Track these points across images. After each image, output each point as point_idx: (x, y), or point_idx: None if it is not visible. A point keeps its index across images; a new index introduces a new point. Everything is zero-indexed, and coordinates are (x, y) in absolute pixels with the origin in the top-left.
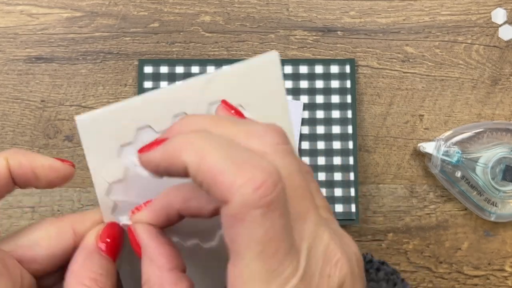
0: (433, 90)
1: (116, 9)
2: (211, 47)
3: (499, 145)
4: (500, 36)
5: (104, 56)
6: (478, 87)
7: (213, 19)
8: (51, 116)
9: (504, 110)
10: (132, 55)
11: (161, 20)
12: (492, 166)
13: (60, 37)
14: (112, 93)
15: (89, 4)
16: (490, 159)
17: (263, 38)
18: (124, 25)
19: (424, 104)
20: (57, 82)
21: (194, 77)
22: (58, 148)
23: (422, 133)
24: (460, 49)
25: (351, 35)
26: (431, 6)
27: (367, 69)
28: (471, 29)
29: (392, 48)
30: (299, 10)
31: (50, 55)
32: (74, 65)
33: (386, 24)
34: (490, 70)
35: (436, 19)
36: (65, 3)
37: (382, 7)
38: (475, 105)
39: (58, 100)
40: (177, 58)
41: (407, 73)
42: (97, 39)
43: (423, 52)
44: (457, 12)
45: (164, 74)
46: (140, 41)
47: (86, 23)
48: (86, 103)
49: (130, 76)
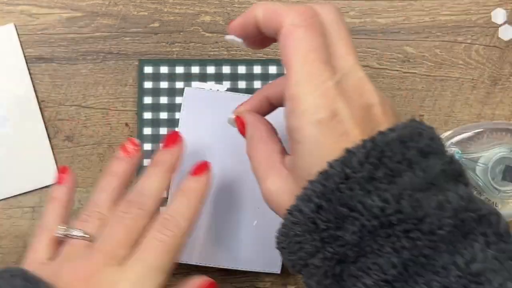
0: (433, 90)
1: (116, 9)
2: (211, 47)
3: (499, 145)
4: (500, 36)
5: (104, 56)
6: (478, 87)
7: (213, 19)
8: (51, 116)
9: (504, 110)
10: (132, 55)
11: (161, 20)
12: (492, 166)
13: (60, 37)
14: (112, 93)
15: (89, 4)
16: (490, 159)
17: None
18: (124, 25)
19: (424, 104)
20: (57, 82)
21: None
22: (58, 148)
23: None
24: (460, 49)
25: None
26: (431, 6)
27: (367, 69)
28: (471, 29)
29: (392, 48)
30: None
31: (50, 55)
32: (74, 65)
33: (386, 24)
34: (490, 70)
35: (436, 19)
36: (65, 3)
37: (382, 7)
38: (475, 105)
39: (58, 100)
40: (177, 58)
41: (407, 73)
42: (97, 39)
43: (423, 52)
44: (457, 12)
45: (164, 75)
46: (140, 41)
47: (86, 23)
48: (87, 103)
49: (130, 76)
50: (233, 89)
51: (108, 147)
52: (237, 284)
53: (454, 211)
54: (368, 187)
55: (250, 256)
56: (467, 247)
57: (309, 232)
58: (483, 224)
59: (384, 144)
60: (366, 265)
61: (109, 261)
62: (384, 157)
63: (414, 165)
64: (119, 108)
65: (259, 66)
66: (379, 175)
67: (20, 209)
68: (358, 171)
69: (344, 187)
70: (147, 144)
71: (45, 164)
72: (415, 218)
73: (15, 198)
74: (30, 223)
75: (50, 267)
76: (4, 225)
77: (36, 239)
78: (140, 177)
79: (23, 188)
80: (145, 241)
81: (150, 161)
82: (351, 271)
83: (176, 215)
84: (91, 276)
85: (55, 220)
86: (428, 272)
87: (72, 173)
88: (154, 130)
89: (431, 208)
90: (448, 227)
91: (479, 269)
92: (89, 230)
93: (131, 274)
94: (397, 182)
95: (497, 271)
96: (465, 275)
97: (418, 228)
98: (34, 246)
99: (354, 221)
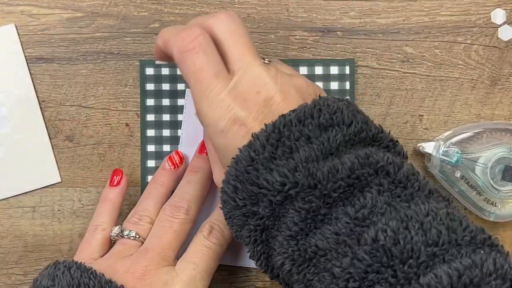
0: (432, 90)
1: (117, 10)
2: None
3: (498, 145)
4: (500, 36)
5: (105, 57)
6: (477, 87)
7: None
8: (52, 116)
9: (503, 110)
10: (132, 55)
11: (161, 21)
12: (492, 166)
13: (61, 38)
14: (112, 93)
15: (89, 5)
16: (490, 159)
17: (263, 38)
18: (124, 25)
19: (423, 104)
20: (57, 82)
21: None
22: (58, 148)
23: (422, 133)
24: (460, 50)
25: (351, 36)
26: (430, 6)
27: (367, 70)
28: (470, 30)
29: (391, 49)
30: (299, 11)
31: (50, 55)
32: (74, 65)
33: (386, 24)
34: (490, 71)
35: (436, 20)
36: (66, 4)
37: (382, 8)
38: (474, 105)
39: (58, 100)
40: None
41: (406, 73)
42: (98, 39)
43: (422, 52)
44: (456, 12)
45: (166, 76)
46: (141, 41)
47: (87, 23)
48: (87, 103)
49: (130, 76)
50: None
51: (108, 147)
52: (237, 284)
53: (348, 170)
54: (270, 166)
55: None
56: (360, 198)
57: (234, 209)
58: (379, 175)
59: (282, 126)
60: (279, 226)
61: (162, 261)
62: (282, 137)
63: (312, 139)
64: (119, 108)
65: None
66: (279, 153)
67: (21, 209)
68: (260, 153)
69: (251, 169)
70: (151, 146)
71: (46, 164)
72: (309, 186)
73: (15, 198)
74: (30, 223)
75: (104, 263)
76: (4, 225)
77: (89, 237)
78: (181, 183)
79: (24, 188)
80: (194, 245)
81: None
82: (272, 234)
83: (221, 224)
84: (146, 274)
85: (109, 220)
86: (324, 225)
87: (125, 176)
88: (157, 132)
89: (321, 174)
90: (341, 188)
91: (365, 214)
92: (140, 232)
93: (183, 275)
94: (294, 157)
95: (384, 214)
96: (352, 220)
97: (312, 194)
98: (87, 243)
99: (263, 198)
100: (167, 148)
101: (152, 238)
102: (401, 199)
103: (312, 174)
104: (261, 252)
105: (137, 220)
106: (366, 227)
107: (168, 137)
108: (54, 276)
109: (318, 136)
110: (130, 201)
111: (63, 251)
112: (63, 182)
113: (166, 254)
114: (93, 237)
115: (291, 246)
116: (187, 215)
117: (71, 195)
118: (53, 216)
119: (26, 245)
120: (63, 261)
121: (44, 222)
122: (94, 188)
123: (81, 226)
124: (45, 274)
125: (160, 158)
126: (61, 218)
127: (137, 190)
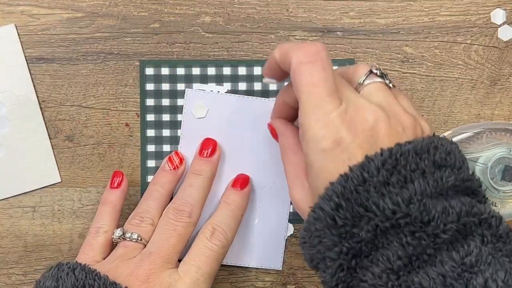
0: (432, 91)
1: (117, 10)
2: (211, 48)
3: (498, 145)
4: (499, 36)
5: (105, 57)
6: (477, 87)
7: (213, 19)
8: (52, 116)
9: (503, 110)
10: (132, 55)
11: (161, 21)
12: (491, 166)
13: (61, 38)
14: (112, 93)
15: (89, 5)
16: (489, 159)
17: (263, 38)
18: (124, 25)
19: (423, 104)
20: (57, 82)
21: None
22: (58, 148)
23: None
24: (459, 50)
25: (350, 36)
26: (430, 6)
27: None
28: (470, 30)
29: (391, 49)
30: (299, 11)
31: (50, 55)
32: (74, 65)
33: (386, 24)
34: (489, 71)
35: (436, 20)
36: (66, 4)
37: (382, 8)
38: (474, 105)
39: (58, 100)
40: (178, 58)
41: (406, 73)
42: (98, 39)
43: (422, 52)
44: (456, 12)
45: (166, 76)
46: (141, 41)
47: (87, 23)
48: (87, 103)
49: (130, 76)
50: (234, 90)
51: (108, 147)
52: (237, 284)
53: (457, 215)
54: (383, 191)
55: (252, 253)
56: (464, 245)
57: (328, 228)
58: (482, 226)
59: (399, 154)
60: (376, 257)
61: (165, 264)
62: (398, 165)
63: (426, 175)
64: (119, 108)
65: (259, 67)
66: (393, 180)
67: (21, 209)
68: (374, 175)
69: (362, 189)
70: (151, 146)
71: (46, 164)
72: (421, 221)
73: (15, 198)
74: (30, 223)
75: (107, 265)
76: (5, 225)
77: (91, 239)
78: (183, 185)
79: (24, 188)
80: (197, 247)
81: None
82: (363, 264)
83: (223, 226)
84: (149, 276)
85: (110, 222)
86: (428, 265)
87: (126, 178)
88: (157, 132)
89: (436, 213)
90: (451, 231)
91: (472, 261)
92: (142, 234)
93: (187, 278)
94: (409, 187)
95: (490, 264)
96: (459, 266)
97: (423, 231)
98: (90, 245)
99: (369, 221)
100: (167, 148)
101: (156, 241)
102: (503, 253)
103: (427, 210)
104: (342, 280)
105: (138, 222)
106: (474, 274)
107: (168, 137)
108: (58, 278)
109: (432, 173)
110: (130, 201)
111: (63, 251)
112: (63, 182)
113: (170, 257)
114: (95, 239)
115: (391, 281)
116: (190, 218)
117: (71, 195)
118: (53, 216)
119: (26, 245)
120: (66, 263)
121: (44, 222)
122: (94, 188)
123: (81, 226)
124: (49, 275)
125: (160, 158)
126: (61, 218)
127: (137, 190)
